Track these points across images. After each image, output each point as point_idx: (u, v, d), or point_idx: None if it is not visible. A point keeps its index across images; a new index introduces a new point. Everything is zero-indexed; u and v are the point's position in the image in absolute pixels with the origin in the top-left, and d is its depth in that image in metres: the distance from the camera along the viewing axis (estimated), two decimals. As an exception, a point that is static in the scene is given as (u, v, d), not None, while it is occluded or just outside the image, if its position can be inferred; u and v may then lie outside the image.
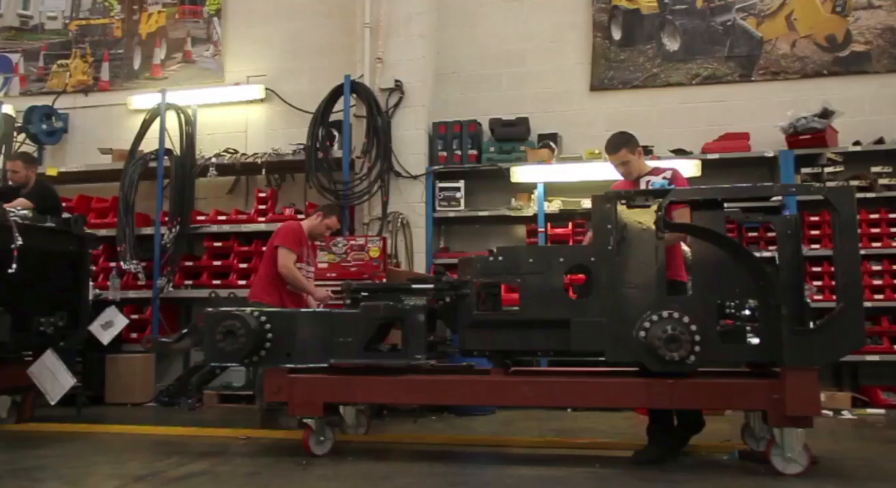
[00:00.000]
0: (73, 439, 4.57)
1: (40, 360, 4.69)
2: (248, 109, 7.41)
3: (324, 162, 6.43)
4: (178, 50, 7.61)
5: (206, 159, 6.74)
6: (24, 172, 5.57)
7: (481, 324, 3.84)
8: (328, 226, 5.24)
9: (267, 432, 4.74)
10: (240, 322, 3.89)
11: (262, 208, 6.65)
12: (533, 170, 6.26)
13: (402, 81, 6.48)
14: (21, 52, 8.01)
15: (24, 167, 5.59)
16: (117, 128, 7.68)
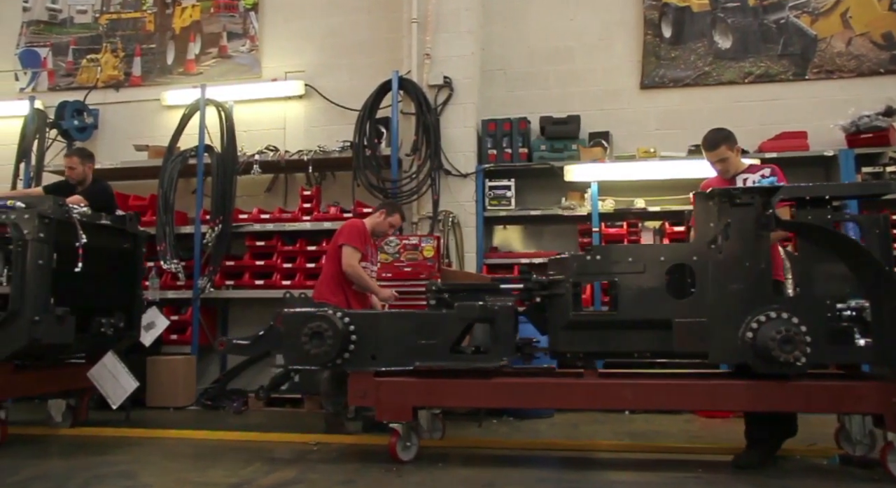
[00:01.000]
0: (135, 444, 4.42)
1: (101, 363, 4.52)
2: (286, 106, 7.25)
3: (372, 159, 6.29)
4: (213, 45, 7.44)
5: (249, 156, 6.57)
6: (81, 169, 5.39)
7: (577, 325, 3.72)
8: (391, 224, 5.11)
9: (337, 437, 4.60)
10: (327, 323, 3.76)
11: (306, 206, 6.49)
12: (587, 168, 6.16)
13: (450, 78, 6.35)
14: (49, 47, 7.80)
15: (81, 163, 5.41)
16: (150, 125, 7.51)
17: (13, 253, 4.13)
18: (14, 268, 4.12)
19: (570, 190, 6.40)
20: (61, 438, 4.62)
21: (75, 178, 5.37)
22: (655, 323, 3.61)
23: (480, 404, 4.34)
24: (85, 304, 4.43)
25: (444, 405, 4.15)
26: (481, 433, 4.88)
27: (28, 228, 4.13)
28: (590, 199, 6.21)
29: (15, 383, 4.24)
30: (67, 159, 5.47)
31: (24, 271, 4.10)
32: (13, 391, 4.26)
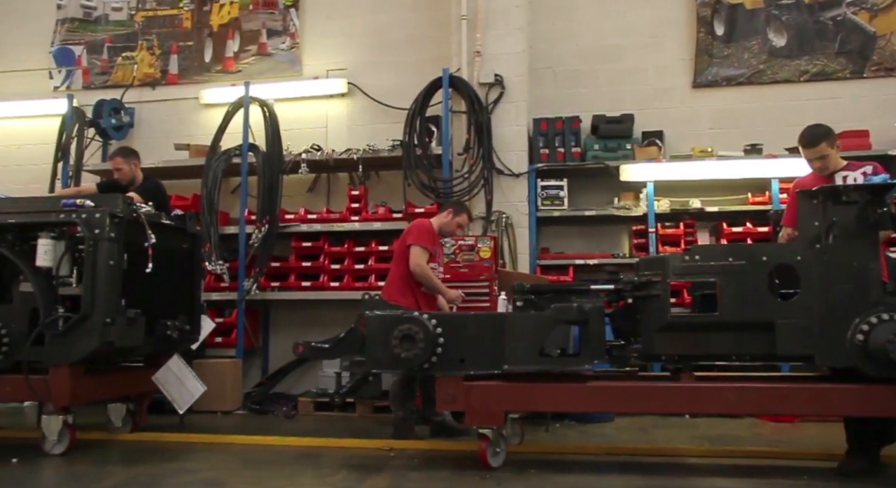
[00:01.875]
0: (204, 450, 4.29)
1: (166, 366, 4.39)
2: (328, 104, 7.13)
3: (423, 158, 6.17)
4: (252, 42, 7.31)
5: (296, 155, 6.45)
6: (127, 168, 5.26)
7: (675, 327, 3.62)
8: (459, 224, 5.00)
9: (408, 443, 4.47)
10: (418, 326, 3.64)
11: (354, 207, 6.36)
12: (642, 168, 6.06)
13: (501, 76, 6.24)
14: (84, 45, 7.66)
15: (125, 162, 5.28)
16: (187, 123, 7.37)
17: (84, 253, 4.00)
18: (85, 268, 3.99)
19: (622, 190, 6.30)
20: (124, 444, 4.48)
21: (125, 178, 5.25)
22: (757, 325, 3.51)
23: (575, 408, 4.24)
24: (150, 306, 4.28)
25: (537, 409, 4.05)
26: (551, 437, 4.77)
27: (99, 227, 4.00)
28: (645, 199, 6.11)
29: (86, 387, 4.09)
30: (112, 161, 5.36)
31: (95, 272, 3.97)
32: (85, 395, 4.12)
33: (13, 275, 4.27)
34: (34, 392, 3.92)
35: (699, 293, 4.01)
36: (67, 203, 4.09)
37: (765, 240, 5.79)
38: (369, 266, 6.27)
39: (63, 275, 4.07)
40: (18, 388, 4.09)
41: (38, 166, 7.57)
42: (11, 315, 4.16)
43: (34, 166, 7.60)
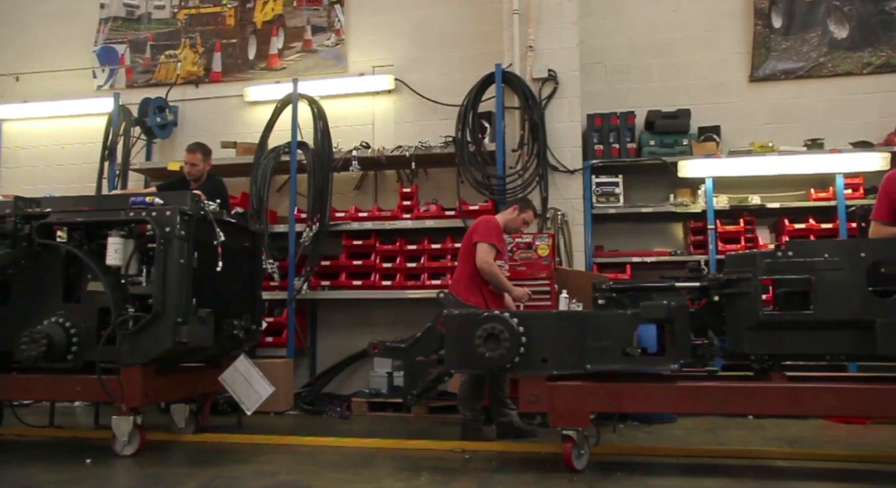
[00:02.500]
0: (272, 452, 4.21)
1: (233, 367, 4.32)
2: (375, 101, 7.05)
3: (477, 155, 6.08)
4: (296, 39, 7.25)
5: (346, 153, 6.37)
6: (202, 165, 5.20)
7: (767, 326, 3.50)
8: (525, 221, 4.91)
9: (482, 444, 4.37)
10: (502, 325, 3.55)
11: (406, 204, 6.28)
12: (701, 164, 5.94)
13: (555, 71, 6.13)
14: (127, 43, 7.62)
15: (203, 160, 5.22)
16: (231, 121, 7.32)
17: (155, 251, 3.93)
18: (155, 267, 3.93)
19: (677, 186, 6.18)
20: (189, 445, 4.42)
21: (195, 175, 5.18)
22: (855, 323, 3.39)
23: (663, 409, 4.14)
24: (216, 305, 4.21)
25: (624, 410, 3.96)
26: (620, 438, 4.66)
27: (170, 226, 3.93)
28: (703, 196, 5.99)
29: (157, 388, 4.03)
30: (189, 155, 5.29)
31: (166, 271, 3.91)
32: (156, 396, 4.06)
33: (80, 274, 4.20)
34: (107, 392, 3.86)
35: (783, 290, 3.89)
36: (136, 200, 4.03)
37: (829, 236, 5.66)
38: (421, 264, 6.19)
39: (132, 274, 4.00)
40: (89, 388, 4.04)
41: (81, 165, 7.57)
42: (80, 314, 4.10)
43: (77, 165, 7.60)
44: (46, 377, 4.13)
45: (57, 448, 4.44)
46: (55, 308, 4.14)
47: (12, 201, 4.17)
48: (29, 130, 7.81)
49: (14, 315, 4.20)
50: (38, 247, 4.10)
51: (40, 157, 7.74)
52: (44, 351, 3.94)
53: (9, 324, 4.20)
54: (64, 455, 4.16)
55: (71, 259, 4.22)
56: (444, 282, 6.10)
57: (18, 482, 3.46)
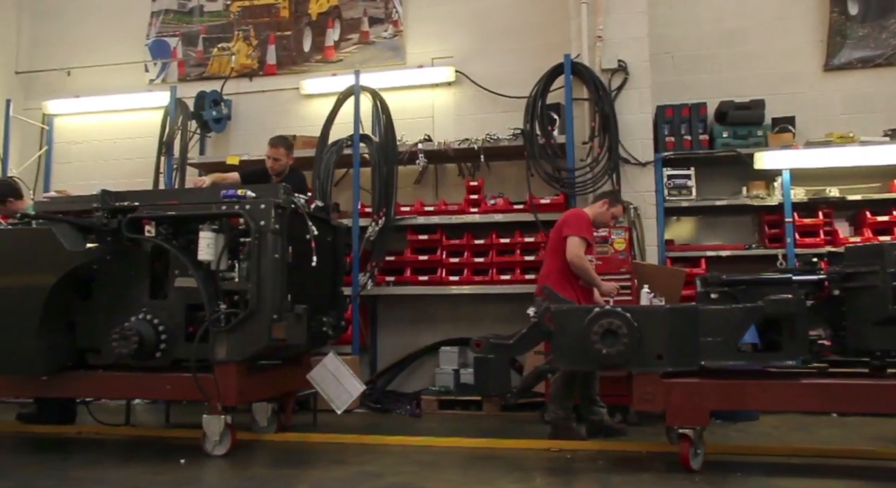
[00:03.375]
0: (360, 451, 4.10)
1: (322, 365, 4.22)
2: (434, 93, 6.92)
3: (547, 148, 5.95)
4: (353, 30, 7.12)
5: (412, 145, 6.25)
6: (285, 160, 5.10)
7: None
8: (614, 215, 4.78)
9: (576, 443, 4.24)
10: (620, 320, 3.42)
11: (472, 198, 6.16)
12: (777, 155, 5.79)
13: (625, 61, 5.99)
14: (179, 36, 7.53)
15: (286, 154, 5.12)
16: (286, 114, 7.21)
17: (250, 246, 3.83)
18: (250, 262, 3.82)
19: (750, 179, 6.03)
20: (276, 444, 4.32)
21: (278, 169, 5.08)
22: None
23: (787, 407, 3.99)
24: (305, 301, 4.10)
25: (745, 408, 3.84)
26: (713, 437, 4.51)
27: (265, 219, 3.83)
28: (779, 188, 5.84)
29: (250, 386, 3.93)
30: (273, 149, 5.19)
31: (260, 266, 3.80)
32: (249, 395, 3.96)
33: (166, 269, 4.10)
34: (202, 391, 3.75)
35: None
36: (228, 194, 3.92)
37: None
38: (489, 259, 6.07)
39: (223, 270, 3.90)
40: (179, 386, 3.96)
41: (134, 160, 7.50)
42: (167, 311, 4.01)
43: (130, 161, 7.53)
44: (134, 375, 4.04)
45: (142, 447, 4.36)
46: (141, 304, 4.06)
47: (99, 194, 4.07)
48: (80, 125, 7.73)
49: (98, 311, 4.12)
50: (127, 241, 3.99)
51: (92, 153, 7.66)
52: (135, 348, 3.86)
53: (93, 321, 4.12)
54: (154, 454, 4.07)
55: (156, 254, 4.12)
56: (513, 277, 6.00)
57: (124, 482, 3.37)
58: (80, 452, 4.16)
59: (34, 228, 3.97)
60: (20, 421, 5.13)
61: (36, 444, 4.49)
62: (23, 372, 4.06)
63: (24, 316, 3.93)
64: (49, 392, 4.21)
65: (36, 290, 3.91)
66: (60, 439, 4.59)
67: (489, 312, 6.47)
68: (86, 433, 4.71)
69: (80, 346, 4.18)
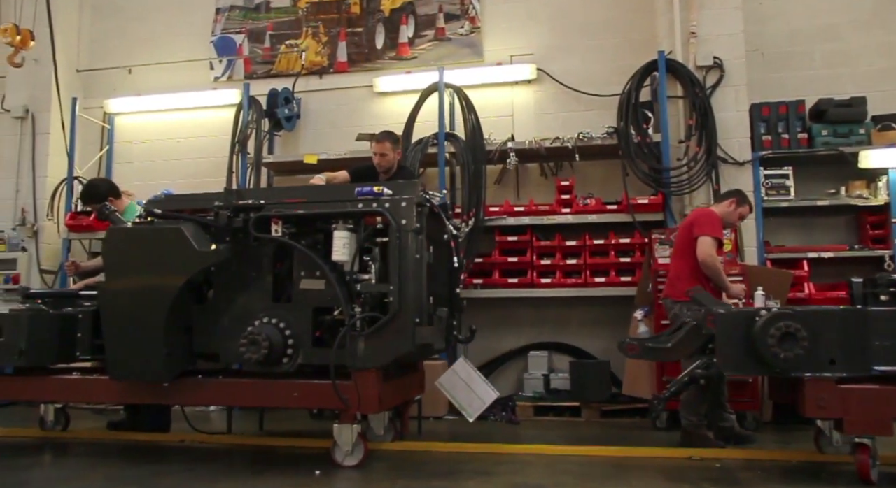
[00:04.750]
0: (492, 461, 3.92)
1: (451, 370, 4.04)
2: (513, 91, 6.75)
3: (643, 146, 5.79)
4: (428, 27, 6.95)
5: (501, 144, 6.08)
6: (392, 155, 4.92)
7: None
8: (741, 215, 4.62)
9: (713, 451, 4.06)
10: (798, 322, 3.25)
11: (564, 198, 5.98)
12: (884, 154, 5.62)
13: (720, 58, 5.84)
14: (245, 33, 7.35)
15: (393, 149, 4.95)
16: (358, 113, 7.03)
17: (390, 246, 3.65)
18: (390, 263, 3.64)
19: (850, 178, 5.87)
20: (401, 454, 4.12)
21: (386, 165, 4.91)
22: None
23: None
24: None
25: None
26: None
27: (406, 218, 3.65)
28: (884, 187, 5.68)
29: (387, 394, 3.74)
30: (378, 145, 5.01)
31: (402, 267, 3.62)
32: (387, 402, 3.77)
33: (289, 271, 3.92)
34: (341, 399, 3.56)
35: None
36: (363, 191, 3.74)
37: None
38: (581, 261, 5.90)
39: (356, 271, 3.72)
40: (307, 393, 3.78)
41: (198, 160, 7.34)
42: (293, 315, 3.82)
43: (194, 160, 7.37)
44: (261, 382, 3.84)
45: (261, 456, 4.17)
46: (264, 308, 3.86)
47: (222, 193, 3.88)
48: (142, 124, 7.55)
49: (215, 315, 3.93)
50: (254, 241, 3.80)
51: (154, 152, 7.47)
52: (265, 353, 3.67)
53: (210, 325, 3.94)
54: (282, 464, 3.88)
55: (280, 255, 3.94)
56: (608, 279, 5.83)
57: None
58: (204, 461, 3.98)
59: (163, 227, 3.78)
60: (110, 430, 4.95)
61: (148, 453, 4.29)
62: (145, 379, 3.86)
63: (149, 318, 3.75)
64: (169, 399, 4.02)
65: (163, 292, 3.73)
66: (166, 448, 4.41)
67: (574, 316, 6.31)
68: (189, 441, 4.52)
69: (195, 351, 4.00)
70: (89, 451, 4.34)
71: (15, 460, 4.05)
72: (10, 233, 6.93)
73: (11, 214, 7.03)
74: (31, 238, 6.96)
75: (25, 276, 6.85)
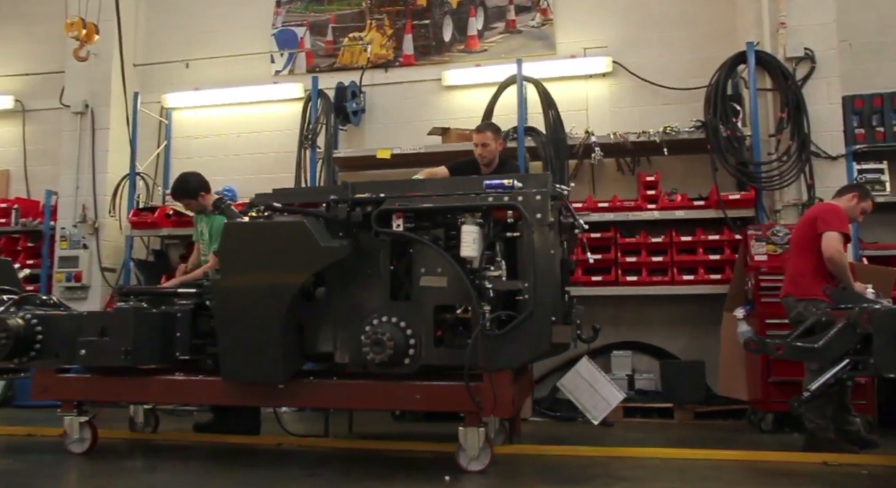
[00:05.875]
0: (619, 467, 3.73)
1: (574, 371, 3.89)
2: (588, 85, 6.59)
3: (733, 140, 5.63)
4: (498, 19, 6.79)
5: (584, 138, 5.92)
6: (493, 145, 4.76)
7: None
8: (864, 210, 4.45)
9: (845, 456, 3.90)
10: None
11: (650, 194, 5.82)
12: (985, 148, 5.46)
13: (812, 50, 5.67)
14: (307, 26, 7.19)
15: (494, 138, 4.78)
16: (425, 107, 6.88)
17: (523, 242, 3.49)
18: (524, 259, 3.48)
19: (944, 174, 5.70)
20: (510, 458, 3.92)
21: (489, 157, 4.75)
22: None
23: None
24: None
25: None
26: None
27: (541, 212, 3.48)
28: (984, 183, 5.52)
29: (518, 396, 3.58)
30: (479, 135, 4.85)
31: (537, 263, 3.46)
32: (518, 404, 3.62)
33: (408, 267, 3.75)
34: (474, 402, 3.40)
35: None
36: (493, 184, 3.58)
37: None
38: (667, 258, 5.74)
39: (484, 267, 3.55)
40: (430, 396, 3.60)
41: (258, 155, 7.22)
42: (413, 313, 3.65)
43: (254, 155, 7.24)
44: (380, 384, 3.68)
45: (371, 461, 4.01)
46: (381, 306, 3.69)
47: (339, 186, 3.72)
48: (200, 119, 7.40)
49: (328, 313, 3.76)
50: (376, 236, 3.64)
51: (213, 147, 7.32)
52: (391, 354, 3.51)
53: (322, 324, 3.78)
54: (405, 469, 3.72)
55: (399, 252, 3.77)
56: (696, 277, 5.66)
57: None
58: (321, 466, 3.80)
59: (286, 221, 3.62)
60: (196, 432, 4.80)
61: (253, 456, 4.13)
62: (260, 380, 3.70)
63: (267, 317, 3.59)
64: (283, 401, 3.88)
65: (283, 289, 3.57)
66: (265, 451, 4.25)
67: (656, 314, 6.15)
68: (286, 445, 4.36)
69: (307, 352, 3.84)
70: (193, 454, 4.19)
71: (120, 462, 3.91)
72: (71, 230, 6.77)
73: (72, 211, 6.86)
74: (92, 235, 6.81)
75: (87, 274, 6.71)
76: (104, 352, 3.89)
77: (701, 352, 5.78)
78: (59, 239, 6.77)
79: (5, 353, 3.93)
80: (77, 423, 4.02)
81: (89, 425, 4.05)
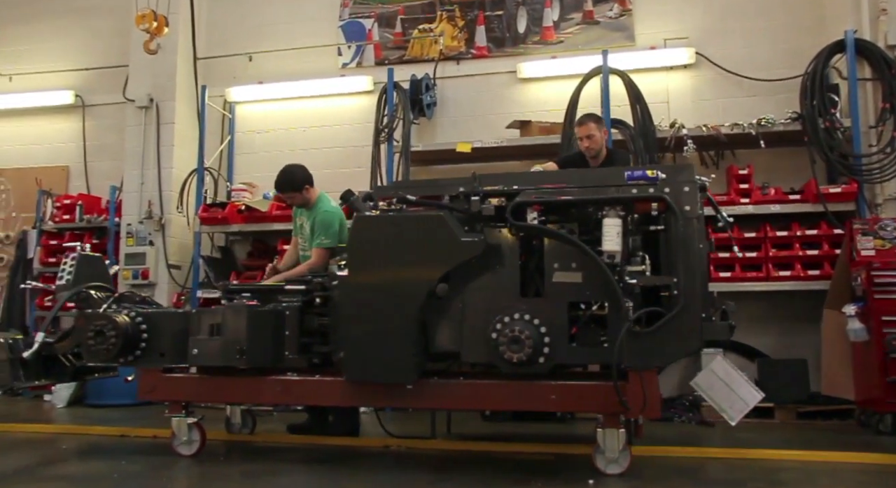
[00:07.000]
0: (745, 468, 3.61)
1: (708, 369, 3.69)
2: (669, 76, 6.42)
3: (833, 132, 5.45)
4: (575, 10, 6.63)
5: (675, 130, 5.76)
6: (598, 135, 4.62)
7: None
8: None
9: None
10: None
11: (743, 188, 5.65)
12: None
13: (915, 37, 5.51)
14: (374, 18, 7.03)
15: (598, 128, 4.64)
16: (499, 100, 6.71)
17: (671, 235, 3.34)
18: (673, 253, 3.33)
19: None
20: (637, 460, 3.77)
21: (595, 148, 4.60)
22: None
23: None
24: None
25: None
26: None
27: (690, 204, 3.34)
28: None
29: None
30: (582, 128, 4.71)
31: (688, 257, 3.31)
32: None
33: (538, 263, 3.59)
34: (621, 402, 3.24)
35: None
36: (635, 175, 3.42)
37: None
38: (761, 254, 5.56)
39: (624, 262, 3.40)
40: (565, 396, 3.47)
41: (325, 150, 7.08)
42: (546, 310, 3.49)
43: (320, 150, 7.07)
44: (512, 383, 3.53)
45: (497, 464, 3.86)
46: (510, 303, 3.52)
47: (468, 179, 3.56)
48: (264, 113, 7.25)
49: (456, 311, 3.59)
50: (513, 230, 3.49)
51: (278, 142, 7.17)
52: (530, 353, 3.35)
53: (446, 321, 3.61)
54: (535, 474, 3.56)
55: (527, 248, 3.62)
56: (792, 273, 5.49)
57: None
58: (451, 471, 3.63)
59: (423, 215, 3.47)
60: (291, 432, 4.65)
61: (366, 460, 3.98)
62: (387, 380, 3.55)
63: (399, 314, 3.45)
64: (409, 402, 3.73)
65: (418, 286, 3.42)
66: (377, 454, 4.08)
67: (744, 311, 5.88)
68: (394, 447, 4.20)
69: (430, 350, 3.68)
70: (308, 457, 4.03)
71: (235, 466, 3.76)
72: (137, 226, 6.63)
73: (137, 207, 6.73)
74: (158, 231, 6.67)
75: (154, 271, 6.57)
76: (217, 352, 3.76)
77: (791, 350, 5.62)
78: (125, 235, 6.64)
79: (115, 352, 3.80)
80: (185, 425, 3.88)
81: (197, 426, 3.91)
